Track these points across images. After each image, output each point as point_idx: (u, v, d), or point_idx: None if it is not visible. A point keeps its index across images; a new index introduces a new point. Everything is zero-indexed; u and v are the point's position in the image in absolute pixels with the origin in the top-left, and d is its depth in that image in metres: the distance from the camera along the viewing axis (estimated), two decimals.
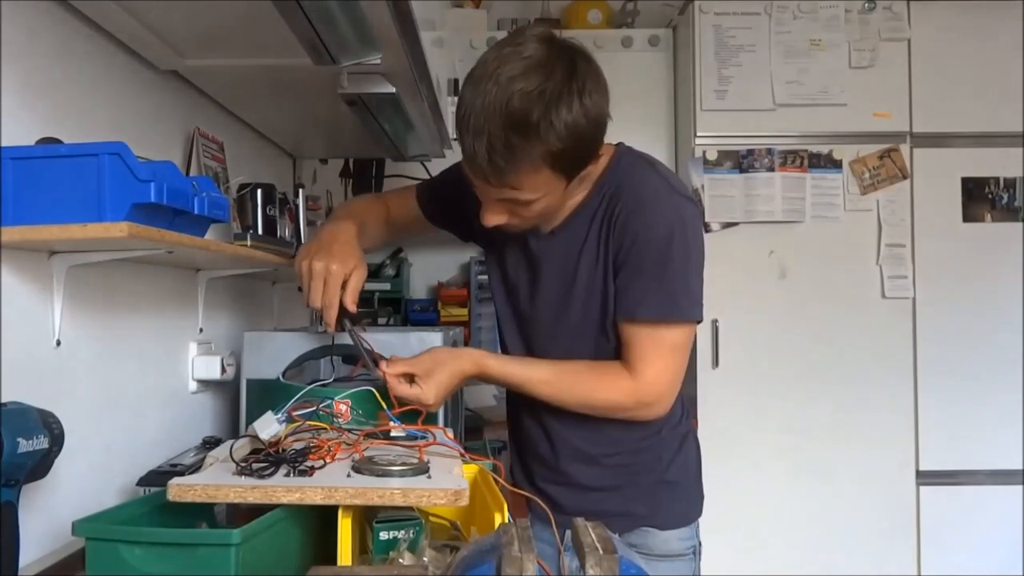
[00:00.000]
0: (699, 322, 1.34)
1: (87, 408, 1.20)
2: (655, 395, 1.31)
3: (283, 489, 0.94)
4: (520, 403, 1.45)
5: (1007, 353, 2.68)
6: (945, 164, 2.71)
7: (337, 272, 1.30)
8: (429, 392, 1.26)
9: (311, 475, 0.99)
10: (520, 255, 1.40)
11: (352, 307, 1.33)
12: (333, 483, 0.95)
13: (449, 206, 1.49)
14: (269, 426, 1.10)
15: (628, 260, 1.26)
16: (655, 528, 1.37)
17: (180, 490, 0.94)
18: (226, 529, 0.95)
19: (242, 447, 1.09)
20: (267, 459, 1.02)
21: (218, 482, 0.95)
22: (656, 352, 1.29)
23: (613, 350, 1.34)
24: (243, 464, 0.99)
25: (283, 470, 0.99)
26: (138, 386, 1.38)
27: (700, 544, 1.44)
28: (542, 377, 1.33)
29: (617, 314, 1.30)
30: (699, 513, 1.44)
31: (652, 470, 1.39)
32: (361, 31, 1.23)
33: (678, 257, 1.26)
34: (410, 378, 1.28)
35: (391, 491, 0.95)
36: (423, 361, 1.29)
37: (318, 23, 1.16)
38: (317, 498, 0.93)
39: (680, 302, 1.27)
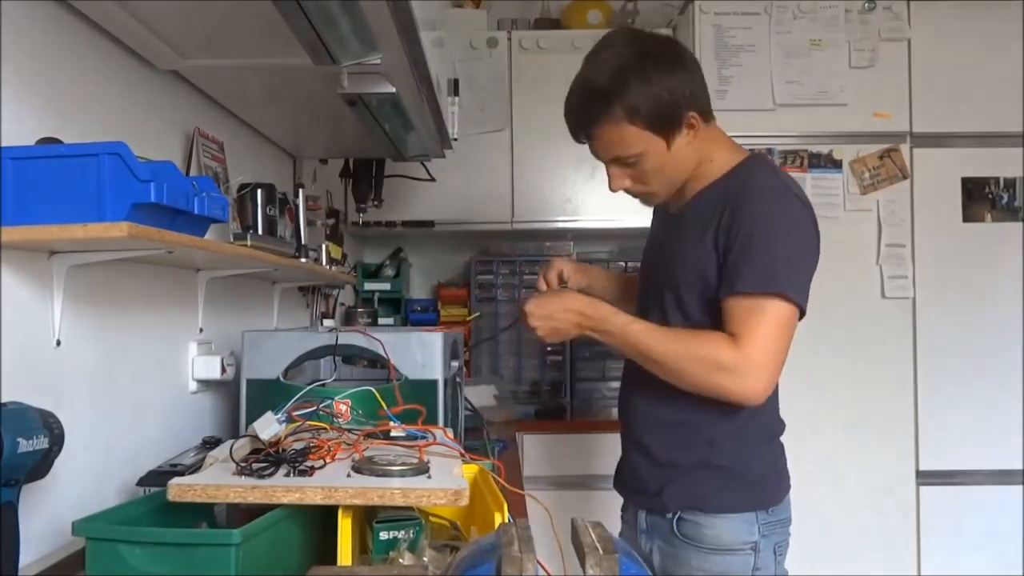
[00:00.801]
0: (802, 310, 1.34)
1: (87, 408, 1.20)
2: (754, 366, 1.30)
3: (283, 489, 0.94)
4: (623, 385, 1.57)
5: (1007, 353, 2.68)
6: (945, 164, 2.71)
7: (562, 264, 1.65)
8: (531, 306, 1.42)
9: (311, 475, 0.99)
10: (658, 233, 1.57)
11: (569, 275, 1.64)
12: (333, 483, 0.95)
13: None
14: (269, 426, 1.10)
15: (735, 245, 1.33)
16: (702, 513, 1.40)
17: (180, 490, 0.94)
18: (226, 529, 0.95)
19: (242, 447, 1.09)
20: (267, 459, 1.02)
21: (218, 482, 0.95)
22: (756, 325, 1.30)
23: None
24: (243, 464, 0.99)
25: (283, 470, 0.99)
26: (138, 386, 1.38)
27: (776, 540, 1.46)
28: (645, 327, 1.38)
29: (723, 290, 1.34)
30: (760, 505, 1.43)
31: (700, 450, 1.42)
32: (361, 31, 1.23)
33: (782, 244, 1.32)
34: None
35: (391, 491, 0.95)
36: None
37: (318, 23, 1.16)
38: (317, 498, 0.93)
39: (779, 278, 1.31)
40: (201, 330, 1.62)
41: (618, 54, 1.37)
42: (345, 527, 0.94)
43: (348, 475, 0.99)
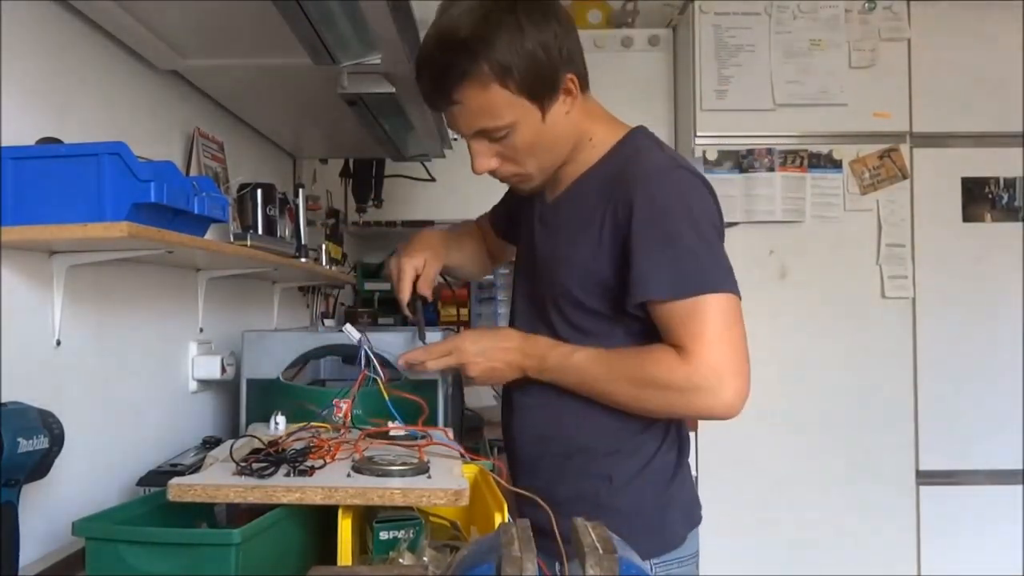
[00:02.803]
0: (737, 295, 1.18)
1: (87, 408, 1.20)
2: (712, 374, 1.13)
3: (283, 489, 0.94)
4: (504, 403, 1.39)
5: (1007, 353, 2.68)
6: (945, 164, 2.71)
7: (406, 266, 1.42)
8: (464, 343, 1.28)
9: (311, 475, 0.99)
10: (534, 223, 1.36)
11: (426, 292, 1.44)
12: (333, 483, 0.95)
13: (507, 215, 1.55)
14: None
15: (635, 238, 1.15)
16: None
17: (180, 490, 0.93)
18: (226, 529, 0.95)
19: (242, 447, 1.09)
20: (267, 459, 1.02)
21: (218, 482, 0.95)
22: (699, 326, 1.13)
23: (568, 336, 1.25)
24: (243, 464, 0.99)
25: (283, 470, 0.99)
26: (138, 386, 1.38)
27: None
28: (587, 356, 1.21)
29: (634, 297, 1.16)
30: (660, 550, 1.23)
31: (591, 485, 1.24)
32: (361, 31, 1.23)
33: (686, 230, 1.16)
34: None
35: (391, 491, 0.94)
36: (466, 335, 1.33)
37: (318, 23, 1.16)
38: (317, 498, 0.93)
39: (707, 272, 1.16)
40: (201, 330, 1.62)
41: (481, 3, 1.13)
42: (345, 527, 0.94)
43: (348, 475, 0.99)
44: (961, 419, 2.67)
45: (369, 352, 1.35)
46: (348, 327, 1.39)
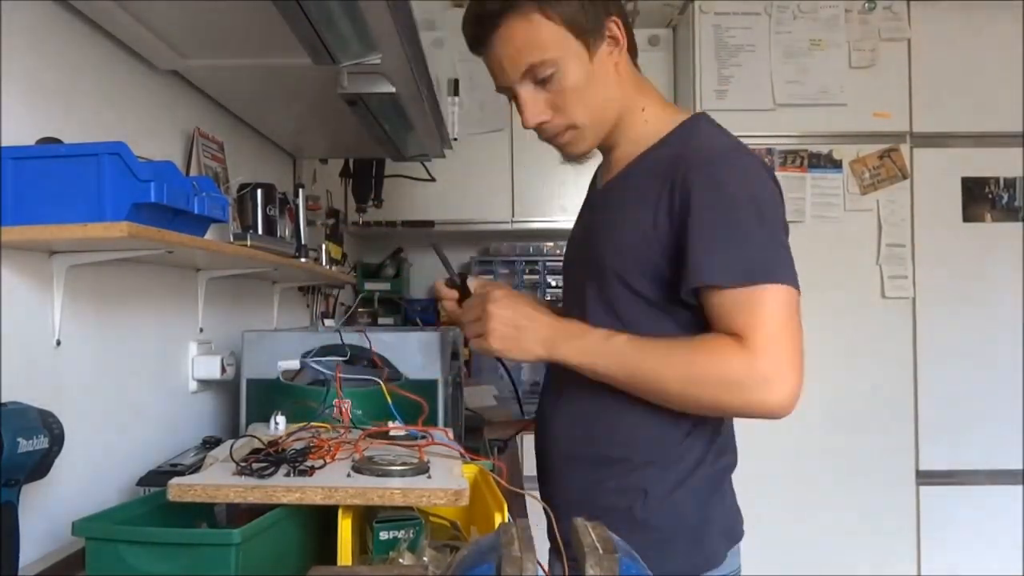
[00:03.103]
0: (794, 283, 1.11)
1: (87, 408, 1.20)
2: (773, 367, 1.05)
3: (283, 489, 0.93)
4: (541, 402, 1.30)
5: (1007, 353, 2.68)
6: (945, 164, 2.71)
7: None
8: (495, 308, 1.14)
9: (311, 475, 0.99)
10: (585, 212, 1.31)
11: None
12: (333, 483, 0.95)
13: None
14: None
15: (694, 221, 1.07)
16: None
17: (180, 490, 0.93)
18: (226, 529, 0.95)
19: (242, 447, 1.09)
20: (267, 459, 1.02)
21: (218, 482, 0.95)
22: (760, 316, 1.05)
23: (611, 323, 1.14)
24: (243, 464, 0.99)
25: (283, 470, 0.99)
26: (138, 386, 1.38)
27: None
28: (631, 341, 1.10)
29: (691, 281, 1.07)
30: (697, 569, 1.16)
31: (625, 499, 1.15)
32: (361, 31, 1.23)
33: (752, 217, 1.08)
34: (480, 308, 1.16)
35: (391, 491, 0.94)
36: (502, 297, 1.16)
37: (318, 23, 1.16)
38: (317, 498, 0.93)
39: (769, 262, 1.08)
40: (201, 330, 1.62)
41: None
42: (345, 527, 0.94)
43: (348, 475, 0.99)
44: (961, 419, 2.67)
45: (318, 367, 1.34)
46: (280, 364, 1.34)
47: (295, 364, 1.36)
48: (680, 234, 1.09)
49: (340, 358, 1.35)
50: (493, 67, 1.18)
